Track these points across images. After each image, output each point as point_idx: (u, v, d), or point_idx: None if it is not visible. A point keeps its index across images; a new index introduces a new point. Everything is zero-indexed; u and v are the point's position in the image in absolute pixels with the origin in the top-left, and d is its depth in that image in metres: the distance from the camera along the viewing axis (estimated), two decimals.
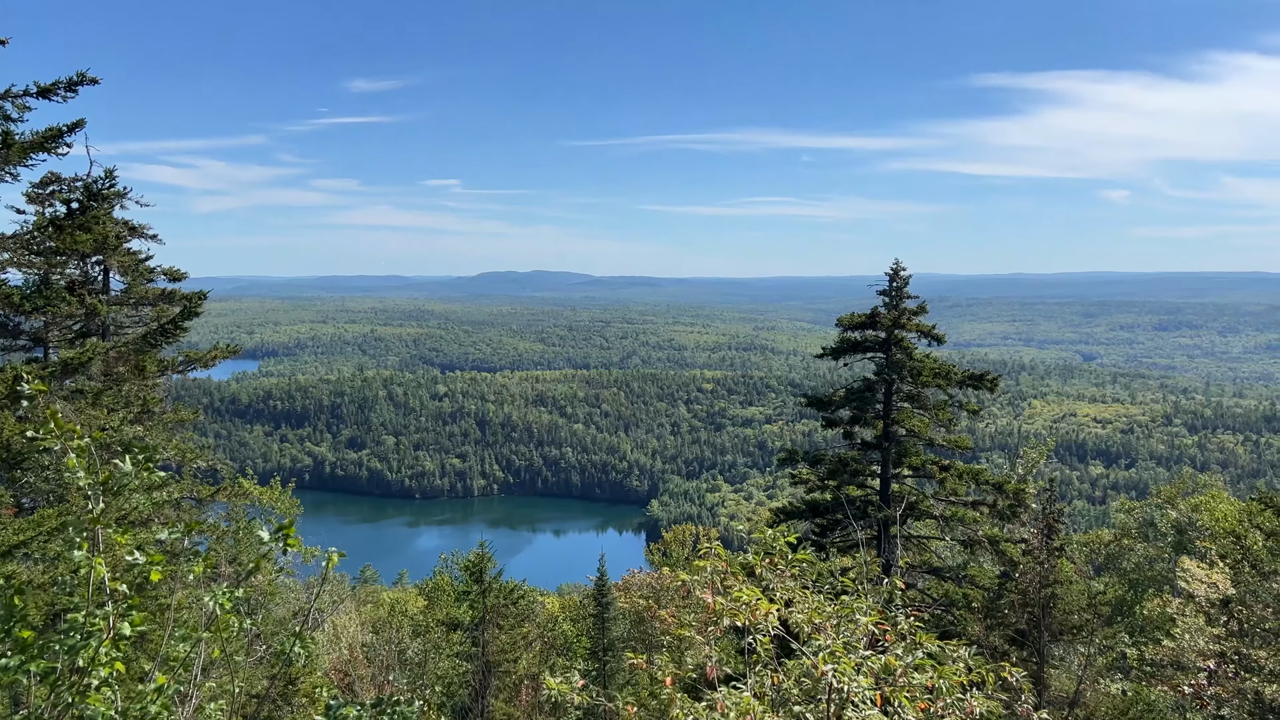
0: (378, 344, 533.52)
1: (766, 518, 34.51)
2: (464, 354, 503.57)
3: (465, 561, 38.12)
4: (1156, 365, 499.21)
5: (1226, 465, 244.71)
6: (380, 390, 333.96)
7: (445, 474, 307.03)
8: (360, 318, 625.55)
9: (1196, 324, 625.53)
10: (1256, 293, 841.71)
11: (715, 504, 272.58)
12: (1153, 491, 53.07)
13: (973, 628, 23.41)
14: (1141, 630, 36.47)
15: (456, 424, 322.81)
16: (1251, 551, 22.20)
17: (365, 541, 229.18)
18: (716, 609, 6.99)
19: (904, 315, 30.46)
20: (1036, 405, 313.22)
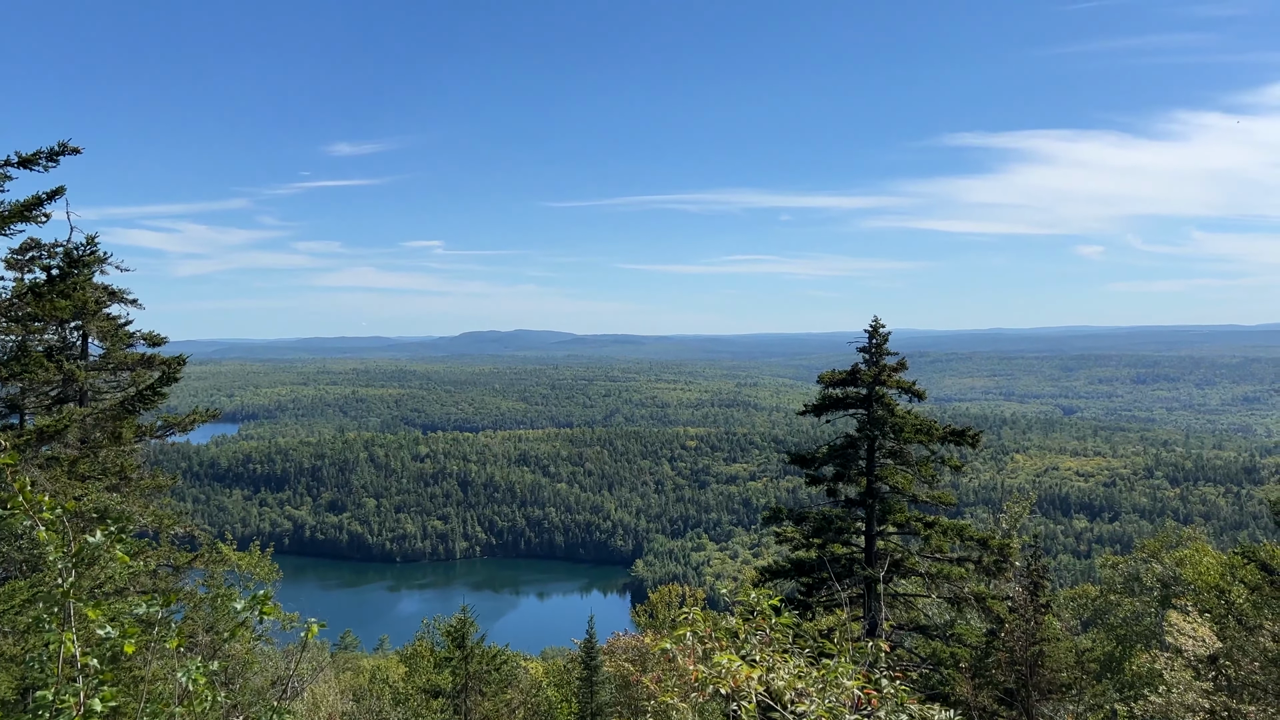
0: (359, 405, 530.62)
1: (752, 577, 34.23)
2: (446, 414, 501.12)
3: (447, 626, 37.56)
4: (1136, 418, 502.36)
5: (1209, 517, 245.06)
6: (361, 452, 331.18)
7: (427, 536, 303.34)
8: (341, 379, 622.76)
9: (1174, 377, 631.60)
10: (1231, 345, 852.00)
11: (700, 563, 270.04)
12: (1137, 545, 53.05)
13: (961, 687, 23.16)
14: (1130, 686, 36.15)
15: (438, 485, 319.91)
16: (1236, 606, 22.17)
17: (346, 606, 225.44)
18: (699, 677, 6.91)
19: (884, 371, 30.65)
20: (1019, 459, 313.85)
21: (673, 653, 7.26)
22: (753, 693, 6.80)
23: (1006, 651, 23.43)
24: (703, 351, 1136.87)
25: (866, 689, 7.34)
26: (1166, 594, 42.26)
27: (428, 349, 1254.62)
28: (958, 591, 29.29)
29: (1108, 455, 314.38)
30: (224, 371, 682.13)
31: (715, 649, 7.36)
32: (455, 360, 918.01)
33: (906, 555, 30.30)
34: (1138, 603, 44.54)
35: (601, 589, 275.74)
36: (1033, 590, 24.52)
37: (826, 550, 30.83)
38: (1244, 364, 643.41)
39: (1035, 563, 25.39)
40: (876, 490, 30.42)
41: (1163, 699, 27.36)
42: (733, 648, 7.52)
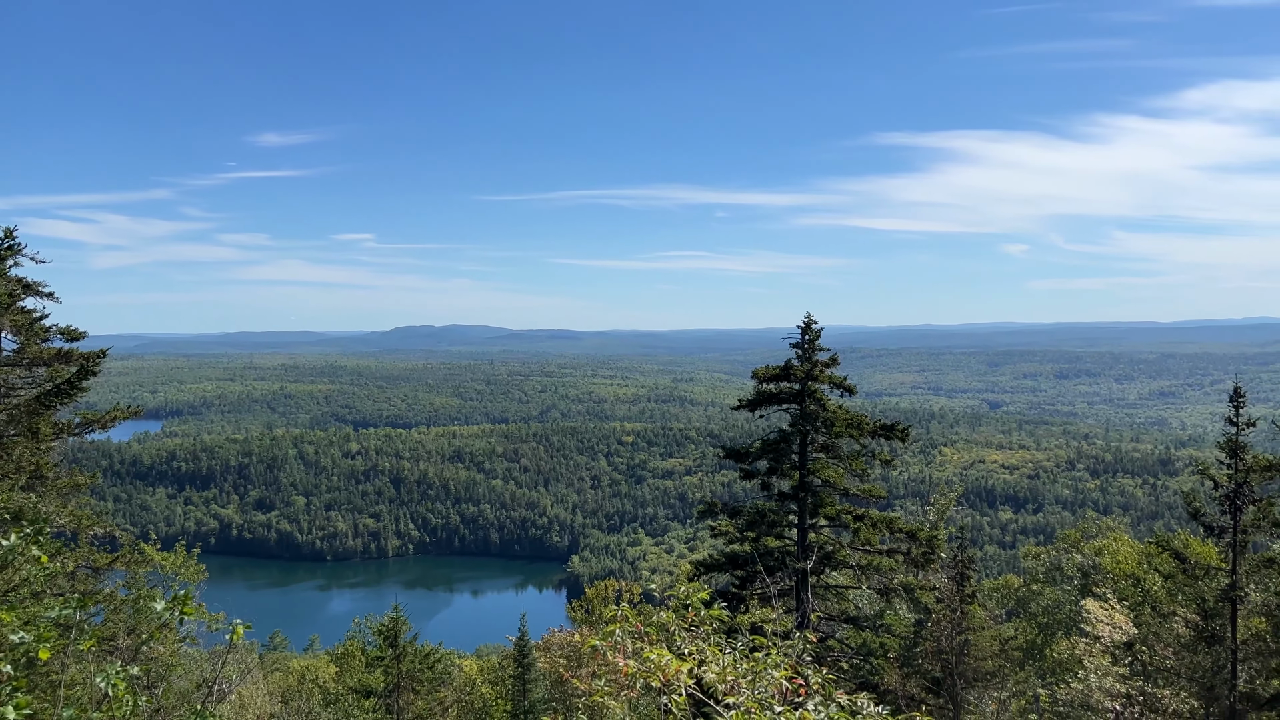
0: (288, 402, 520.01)
1: (687, 571, 34.44)
2: (378, 410, 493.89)
3: (379, 625, 37.08)
4: (1059, 412, 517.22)
5: (1127, 508, 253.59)
6: (290, 449, 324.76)
7: (358, 534, 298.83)
8: (270, 375, 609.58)
9: (1094, 372, 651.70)
10: (1148, 342, 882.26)
11: (636, 558, 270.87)
12: (1058, 536, 54.68)
13: (890, 676, 23.63)
14: (1052, 673, 37.27)
15: (370, 482, 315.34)
16: (1151, 593, 23.00)
17: (275, 606, 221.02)
18: (629, 672, 6.93)
19: (817, 367, 31.05)
20: (947, 452, 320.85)
21: (602, 649, 7.28)
22: (682, 686, 6.85)
23: (933, 641, 23.97)
24: (640, 347, 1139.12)
25: (795, 680, 7.45)
26: (1086, 583, 43.65)
27: (359, 344, 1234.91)
28: (887, 583, 29.86)
29: (1032, 448, 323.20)
30: (147, 367, 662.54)
31: (646, 644, 7.40)
32: (387, 355, 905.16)
33: (838, 548, 30.77)
34: (1059, 592, 45.94)
35: (537, 585, 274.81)
36: (958, 581, 25.12)
37: (760, 543, 31.15)
38: (1161, 360, 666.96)
39: (961, 554, 26.03)
40: (809, 484, 30.82)
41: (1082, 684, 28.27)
42: (664, 642, 7.57)
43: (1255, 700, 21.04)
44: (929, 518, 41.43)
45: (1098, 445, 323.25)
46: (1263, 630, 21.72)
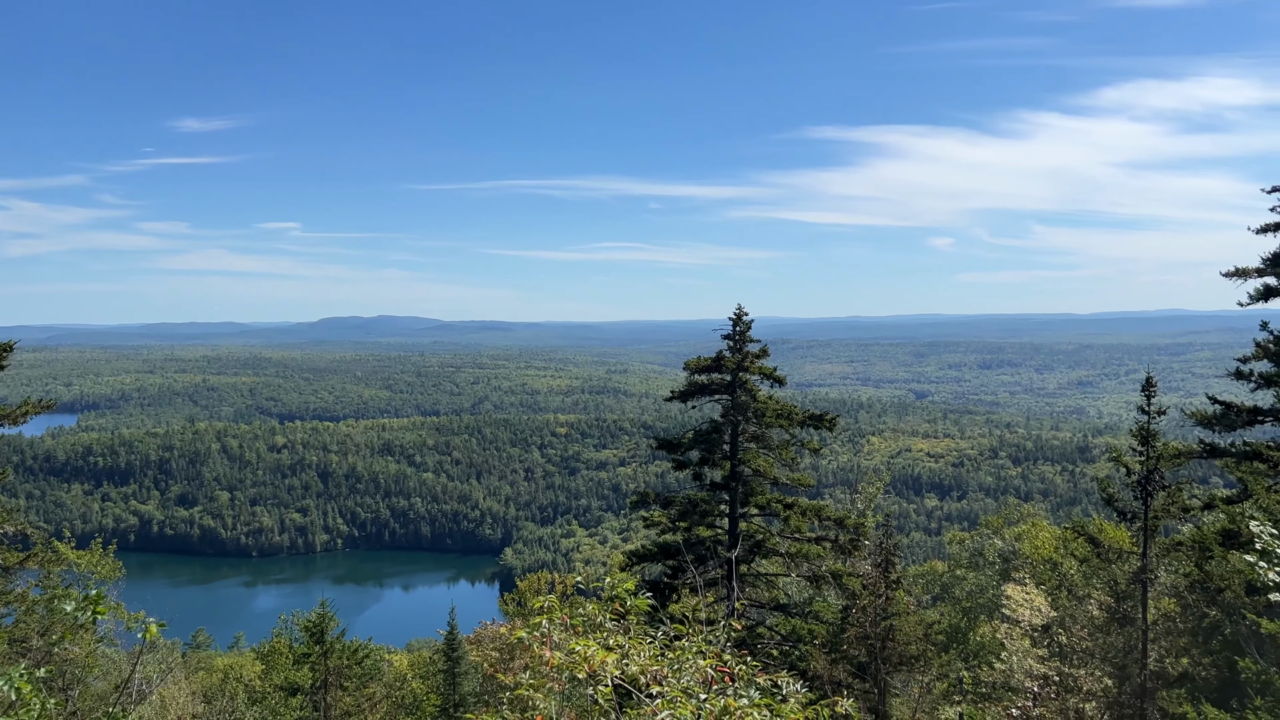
0: (211, 394, 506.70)
1: (619, 562, 34.53)
2: (305, 403, 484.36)
3: (305, 621, 36.39)
4: (982, 401, 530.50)
5: (1047, 494, 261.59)
6: (213, 443, 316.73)
7: (285, 529, 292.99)
8: (191, 367, 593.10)
9: (1016, 362, 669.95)
10: (1067, 333, 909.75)
11: (570, 549, 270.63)
12: (981, 522, 56.15)
13: (817, 662, 24.03)
14: (975, 656, 38.29)
15: (297, 476, 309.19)
16: (1067, 577, 23.76)
17: (198, 604, 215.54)
18: (555, 664, 6.92)
19: (747, 358, 31.35)
20: (875, 441, 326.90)
21: (528, 642, 7.26)
22: (608, 677, 6.85)
23: (859, 627, 24.42)
24: (573, 338, 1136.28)
25: (719, 667, 7.51)
26: (1007, 568, 44.93)
27: (285, 335, 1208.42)
28: (816, 570, 30.32)
29: (956, 437, 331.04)
30: (61, 359, 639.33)
31: (572, 636, 7.39)
32: (314, 347, 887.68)
33: (768, 536, 31.15)
34: (981, 576, 47.20)
35: (470, 579, 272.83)
36: (883, 568, 25.63)
37: (692, 533, 31.39)
38: (1079, 350, 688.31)
39: (886, 541, 26.55)
40: (739, 473, 31.13)
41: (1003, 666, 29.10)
42: (590, 634, 7.56)
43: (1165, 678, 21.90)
44: (856, 506, 42.20)
45: (1019, 434, 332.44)
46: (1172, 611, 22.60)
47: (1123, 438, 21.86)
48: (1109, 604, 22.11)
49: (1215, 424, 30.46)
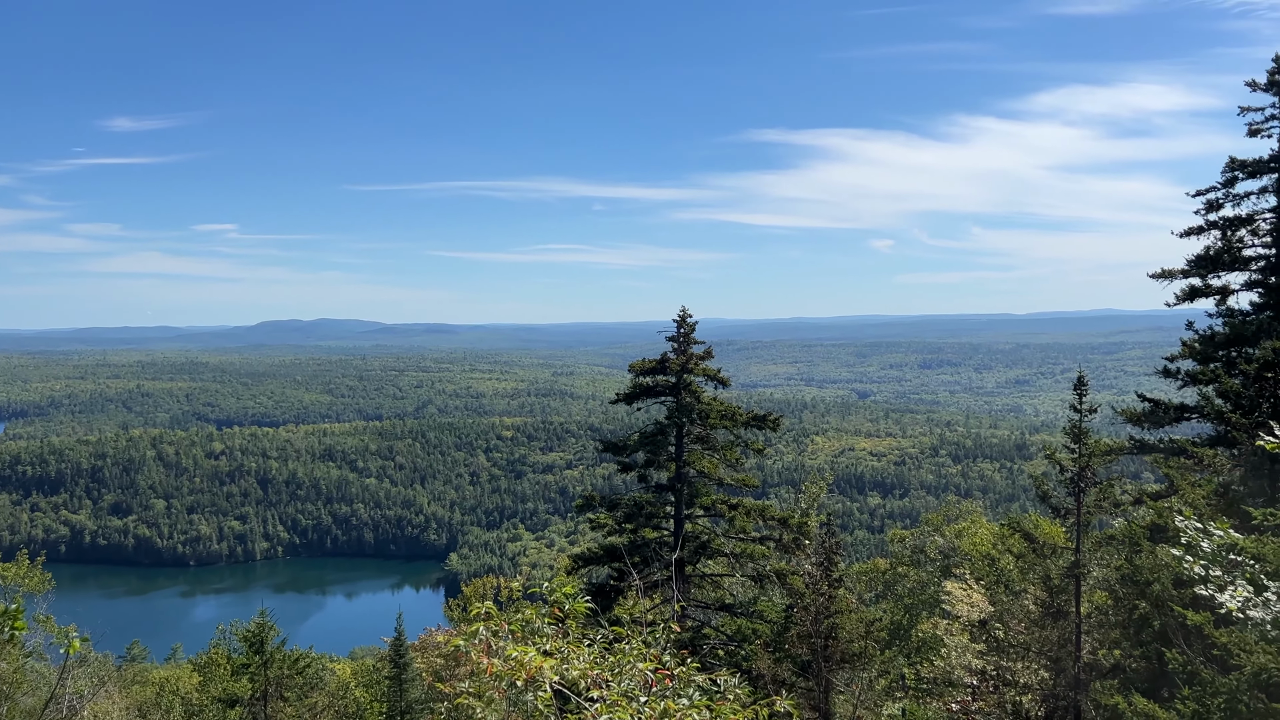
0: (145, 400, 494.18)
1: (565, 565, 34.45)
2: (243, 408, 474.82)
3: (244, 631, 35.68)
4: (923, 400, 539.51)
5: (987, 491, 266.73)
6: (148, 450, 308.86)
7: (224, 537, 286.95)
8: (125, 372, 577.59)
9: (956, 362, 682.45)
10: (1005, 333, 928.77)
11: (517, 553, 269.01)
12: (922, 520, 57.09)
13: (761, 661, 24.22)
14: (917, 651, 38.92)
15: (235, 483, 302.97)
16: (1005, 573, 24.27)
17: (133, 616, 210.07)
18: (494, 671, 6.88)
19: (692, 360, 31.51)
20: (819, 441, 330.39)
21: (466, 649, 7.20)
22: (547, 682, 6.83)
23: (802, 626, 24.67)
24: (519, 341, 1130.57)
25: (659, 670, 7.53)
26: (947, 564, 45.76)
27: (222, 339, 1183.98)
28: (760, 570, 30.58)
29: (898, 436, 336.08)
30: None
31: (511, 642, 7.35)
32: (253, 351, 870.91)
33: (713, 537, 31.33)
34: (923, 573, 48.01)
35: (414, 585, 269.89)
36: (826, 566, 25.93)
37: (638, 535, 31.45)
38: (1016, 350, 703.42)
39: (829, 539, 26.88)
40: (685, 475, 31.26)
41: (944, 662, 29.63)
42: (528, 639, 7.53)
43: (1098, 670, 22.49)
44: (800, 505, 42.63)
45: (959, 432, 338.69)
46: (1104, 604, 23.22)
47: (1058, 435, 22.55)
48: (1044, 599, 22.65)
49: (1144, 421, 31.39)
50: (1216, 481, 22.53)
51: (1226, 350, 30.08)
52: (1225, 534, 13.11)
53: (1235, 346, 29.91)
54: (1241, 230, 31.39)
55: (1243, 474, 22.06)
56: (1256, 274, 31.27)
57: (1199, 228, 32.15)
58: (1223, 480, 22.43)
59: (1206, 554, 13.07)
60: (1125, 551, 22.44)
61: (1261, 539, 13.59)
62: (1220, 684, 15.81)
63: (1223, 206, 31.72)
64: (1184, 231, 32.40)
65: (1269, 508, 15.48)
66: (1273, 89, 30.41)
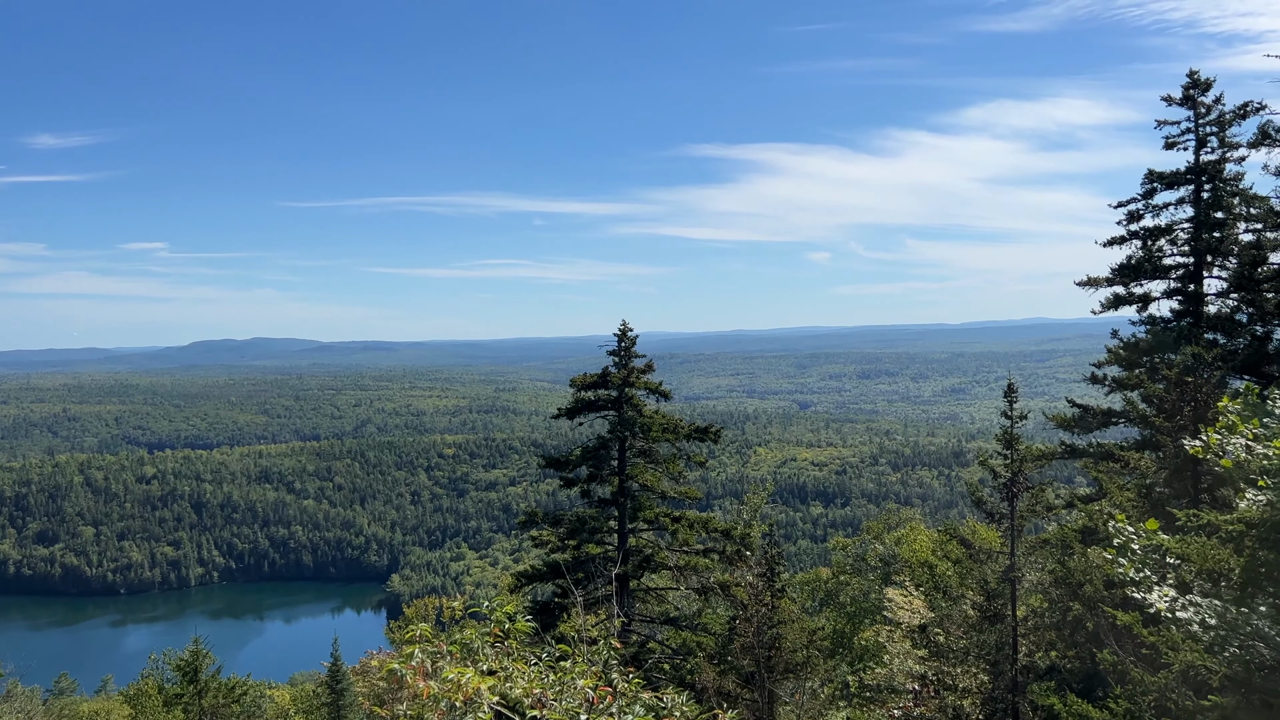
0: (72, 424, 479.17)
1: (509, 583, 34.14)
2: (175, 431, 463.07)
3: (177, 660, 34.70)
4: (862, 410, 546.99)
5: (926, 498, 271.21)
6: (76, 475, 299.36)
7: (156, 564, 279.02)
8: (50, 396, 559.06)
9: (893, 371, 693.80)
10: (940, 342, 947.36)
11: (460, 572, 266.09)
12: (863, 528, 57.82)
13: (706, 675, 24.25)
14: (860, 659, 39.34)
15: (168, 508, 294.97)
16: (943, 579, 24.67)
17: (61, 647, 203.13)
18: (430, 694, 6.79)
19: (633, 373, 31.56)
20: (761, 452, 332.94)
21: (401, 672, 7.10)
22: (485, 703, 6.76)
23: (745, 637, 24.78)
24: (459, 357, 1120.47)
25: (601, 687, 7.50)
26: (888, 571, 46.38)
27: (152, 360, 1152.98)
28: (704, 582, 30.65)
29: (839, 445, 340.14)
30: None
31: (449, 663, 7.26)
32: (184, 372, 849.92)
33: (657, 550, 31.34)
34: (864, 581, 48.60)
35: (355, 607, 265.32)
36: (768, 576, 26.09)
37: (582, 551, 31.29)
38: (951, 359, 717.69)
39: (770, 550, 27.06)
40: (628, 489, 31.25)
41: (886, 668, 29.99)
42: (467, 660, 7.45)
43: (1035, 671, 22.96)
44: (743, 516, 42.87)
45: (898, 440, 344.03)
46: (1039, 607, 23.73)
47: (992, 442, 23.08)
48: (981, 603, 23.07)
49: (1074, 426, 32.25)
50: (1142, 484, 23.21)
51: (1150, 356, 31.05)
52: (1153, 536, 13.49)
53: (1158, 353, 30.90)
54: (1161, 240, 32.51)
55: (1167, 476, 22.76)
56: (1176, 282, 32.40)
57: (1121, 238, 33.22)
58: (1148, 482, 23.12)
59: (1137, 555, 13.43)
60: (1058, 555, 22.97)
61: (1185, 539, 14.01)
62: (1150, 682, 16.26)
63: (1143, 217, 32.83)
64: (1107, 241, 33.45)
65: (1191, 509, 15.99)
66: (1187, 103, 31.58)
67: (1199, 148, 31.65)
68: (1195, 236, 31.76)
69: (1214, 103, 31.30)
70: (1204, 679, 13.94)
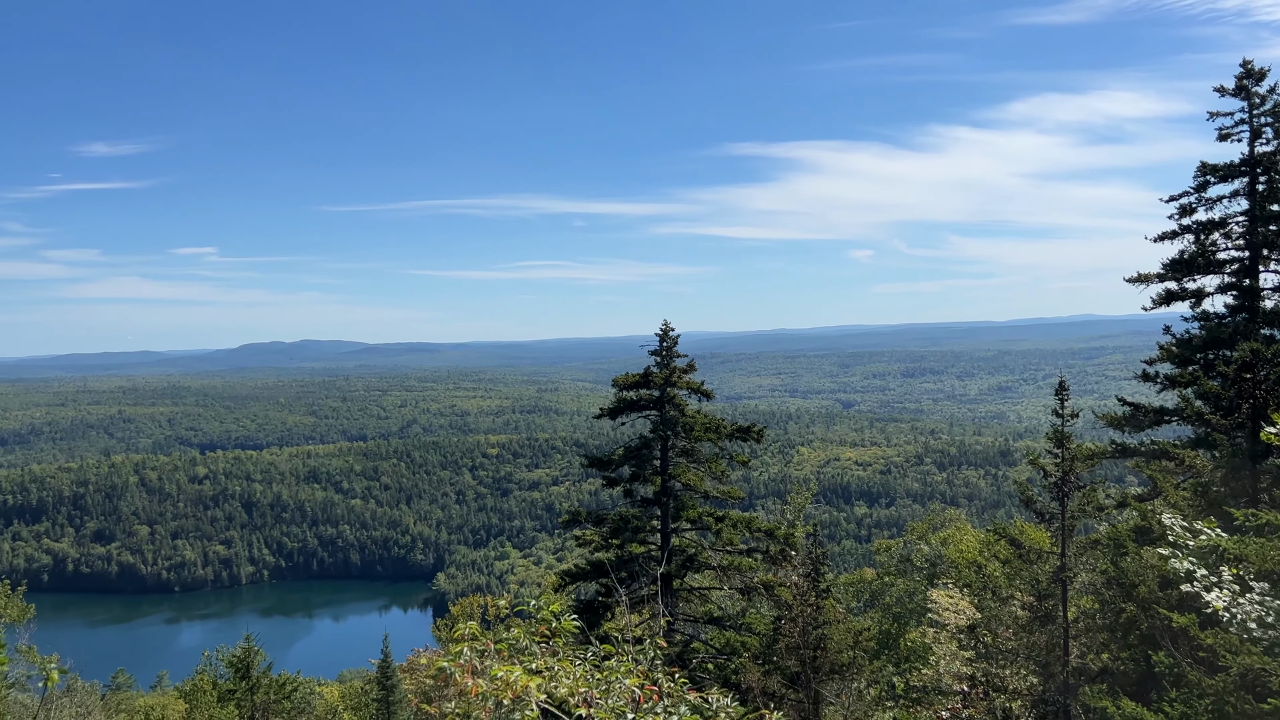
0: (127, 426, 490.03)
1: (553, 582, 34.33)
2: (226, 432, 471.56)
3: (230, 657, 35.34)
4: (907, 409, 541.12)
5: (972, 498, 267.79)
6: (131, 476, 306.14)
7: (209, 562, 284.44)
8: (106, 398, 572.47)
9: (938, 370, 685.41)
10: (985, 340, 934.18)
11: (504, 571, 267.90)
12: (908, 528, 57.21)
13: (750, 674, 24.15)
14: (905, 660, 38.94)
15: (220, 507, 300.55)
16: (991, 579, 24.33)
17: (118, 644, 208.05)
18: (478, 692, 6.83)
19: (675, 373, 31.54)
20: (804, 452, 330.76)
21: (450, 670, 7.15)
22: (533, 701, 6.79)
23: (790, 637, 24.64)
24: (502, 358, 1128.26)
25: (647, 686, 7.50)
26: (933, 572, 45.85)
27: (203, 363, 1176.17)
28: (748, 582, 30.53)
29: (883, 445, 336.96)
30: None
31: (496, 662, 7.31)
32: (234, 374, 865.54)
33: (700, 550, 31.28)
34: (909, 582, 48.08)
35: (402, 606, 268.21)
36: (813, 577, 25.92)
37: (625, 550, 31.33)
38: (998, 357, 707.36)
39: (815, 550, 26.88)
40: (670, 488, 31.23)
41: (932, 670, 29.65)
42: (514, 658, 7.49)
43: (1087, 674, 22.56)
44: (786, 516, 42.64)
45: (943, 440, 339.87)
46: (1091, 608, 23.31)
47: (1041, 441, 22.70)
48: (1031, 604, 22.72)
49: (1125, 425, 31.60)
50: (1198, 483, 22.71)
51: (1204, 353, 30.33)
52: (1212, 534, 13.20)
53: (1212, 349, 30.18)
54: (1215, 234, 31.73)
55: (1223, 475, 22.24)
56: (1230, 277, 31.59)
57: (1173, 232, 32.48)
58: (1204, 481, 22.61)
59: (1193, 554, 13.16)
60: (1111, 555, 22.55)
61: (1244, 539, 13.69)
62: (1207, 685, 15.89)
63: (1196, 211, 32.05)
64: (1158, 236, 32.73)
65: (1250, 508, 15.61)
66: (1240, 94, 30.80)
67: (1254, 139, 30.83)
68: (1251, 230, 30.96)
69: (1269, 93, 30.47)
70: (1264, 682, 13.61)
